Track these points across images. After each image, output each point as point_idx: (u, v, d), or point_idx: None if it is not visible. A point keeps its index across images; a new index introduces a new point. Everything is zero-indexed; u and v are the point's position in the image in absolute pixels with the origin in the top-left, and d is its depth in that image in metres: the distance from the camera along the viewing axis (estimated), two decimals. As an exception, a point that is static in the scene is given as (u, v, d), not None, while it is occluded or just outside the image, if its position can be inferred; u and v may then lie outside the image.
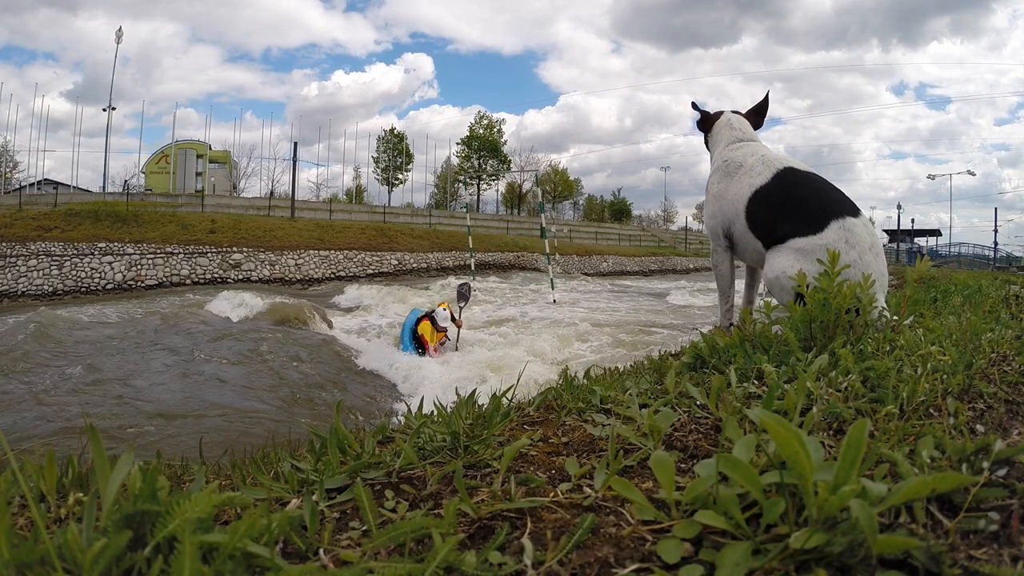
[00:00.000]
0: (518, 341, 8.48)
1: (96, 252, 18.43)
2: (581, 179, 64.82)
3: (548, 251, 14.45)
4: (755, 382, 1.15)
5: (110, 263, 18.26)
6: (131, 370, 6.66)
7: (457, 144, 52.70)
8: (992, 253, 38.81)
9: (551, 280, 13.88)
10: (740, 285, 2.56)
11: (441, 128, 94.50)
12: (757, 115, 2.58)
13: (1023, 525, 0.55)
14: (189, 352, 7.55)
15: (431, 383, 6.43)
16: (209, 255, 20.15)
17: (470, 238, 16.57)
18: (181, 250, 19.83)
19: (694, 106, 2.66)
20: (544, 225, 15.09)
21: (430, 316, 8.06)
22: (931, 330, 1.52)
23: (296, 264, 21.79)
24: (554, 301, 12.90)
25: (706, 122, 2.63)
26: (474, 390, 1.21)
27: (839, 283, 1.47)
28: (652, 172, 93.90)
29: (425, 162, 65.51)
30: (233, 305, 11.71)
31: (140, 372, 6.58)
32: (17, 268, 16.86)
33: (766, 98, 2.65)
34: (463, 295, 9.15)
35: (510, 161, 53.35)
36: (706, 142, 2.65)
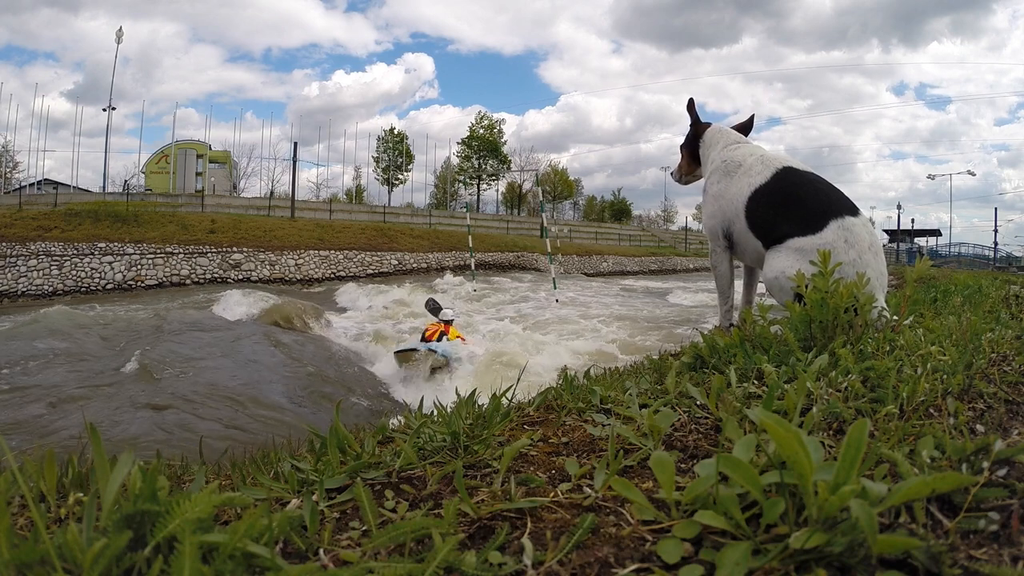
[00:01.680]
0: (523, 341, 8.49)
1: (96, 252, 18.42)
2: (581, 179, 64.96)
3: (550, 250, 14.43)
4: (755, 382, 1.15)
5: (110, 263, 18.26)
6: (128, 370, 6.66)
7: (457, 144, 52.77)
8: (992, 253, 38.81)
9: (554, 280, 13.88)
10: (739, 285, 2.56)
11: (441, 128, 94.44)
12: (742, 132, 2.62)
13: (1023, 525, 0.55)
14: (188, 353, 7.55)
15: (430, 383, 6.43)
16: (209, 255, 20.15)
17: (470, 237, 16.53)
18: (181, 250, 19.83)
19: (691, 105, 2.67)
20: (545, 224, 15.08)
21: (447, 323, 8.22)
22: (931, 330, 1.52)
23: (296, 264, 21.78)
24: (557, 301, 12.89)
25: (697, 128, 2.65)
26: (474, 390, 1.21)
27: (835, 282, 1.48)
28: (652, 172, 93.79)
29: (425, 162, 65.54)
30: (233, 306, 11.71)
31: (137, 373, 6.58)
32: (17, 268, 16.86)
33: (751, 119, 2.70)
34: (434, 309, 8.90)
35: (510, 161, 53.36)
36: (692, 147, 2.66)
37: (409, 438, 0.92)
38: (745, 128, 2.64)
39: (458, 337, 7.87)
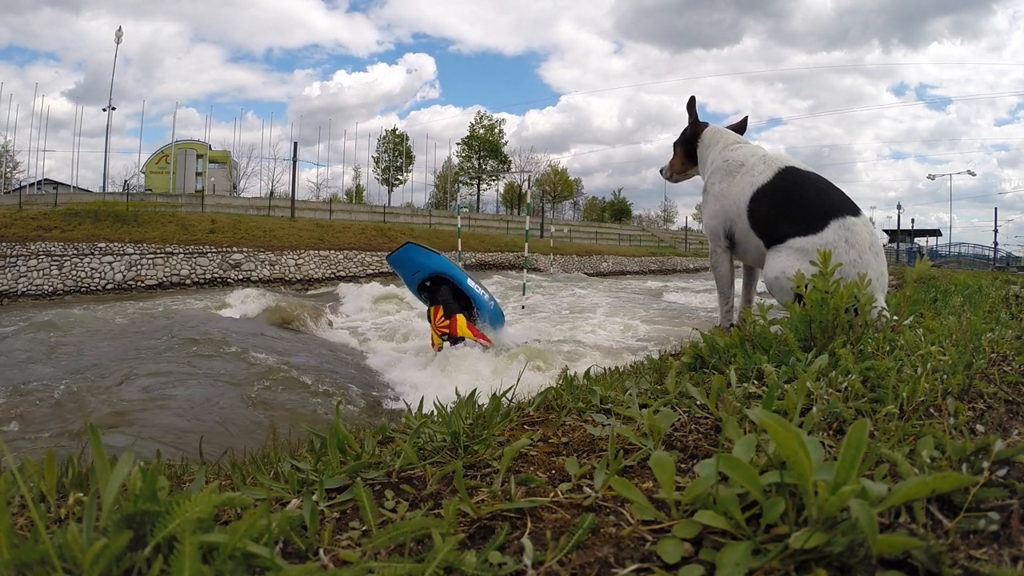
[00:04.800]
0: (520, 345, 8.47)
1: (96, 252, 18.42)
2: (581, 179, 64.97)
3: (527, 253, 14.35)
4: (755, 382, 1.15)
5: (110, 263, 18.25)
6: (127, 370, 6.66)
7: (457, 144, 52.78)
8: (992, 253, 38.84)
9: (524, 285, 13.86)
10: (739, 285, 2.56)
11: (442, 128, 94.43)
12: (736, 133, 2.63)
13: (1023, 525, 0.55)
14: (188, 352, 7.55)
15: (431, 383, 6.42)
16: (209, 255, 20.14)
17: (459, 240, 16.41)
18: (181, 250, 19.83)
19: (691, 103, 2.67)
20: (528, 227, 14.91)
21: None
22: (931, 330, 1.52)
23: (296, 264, 21.78)
24: (523, 307, 12.88)
25: (695, 127, 2.65)
26: (474, 390, 1.21)
27: (835, 282, 1.48)
28: (652, 172, 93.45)
29: (425, 162, 65.49)
30: (233, 306, 11.72)
31: (137, 372, 6.58)
32: (17, 268, 16.85)
33: (744, 120, 2.71)
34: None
35: (510, 161, 53.35)
36: (689, 146, 2.66)
37: (409, 438, 0.92)
38: (739, 129, 2.65)
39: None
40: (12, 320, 9.91)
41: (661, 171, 2.90)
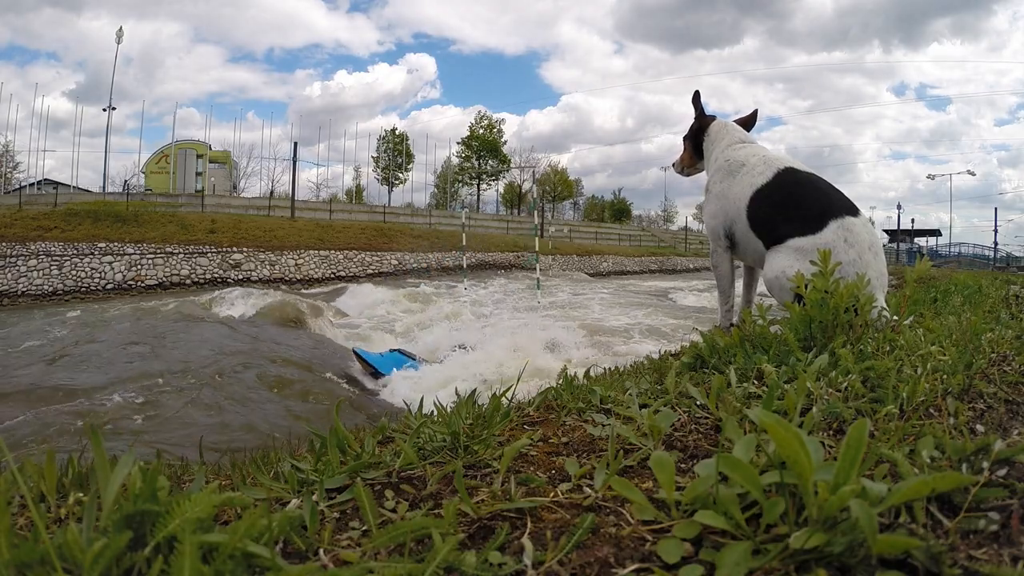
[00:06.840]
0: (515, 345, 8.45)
1: (96, 252, 18.43)
2: (582, 179, 65.01)
3: (538, 249, 14.35)
4: (755, 382, 1.15)
5: (110, 263, 18.25)
6: (129, 371, 6.66)
7: (457, 144, 52.76)
8: (992, 253, 38.84)
9: (538, 280, 13.87)
10: (739, 285, 2.56)
11: (443, 128, 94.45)
12: (745, 127, 2.61)
13: (1023, 525, 0.55)
14: (188, 352, 7.55)
15: (431, 383, 6.43)
16: (209, 255, 20.14)
17: (464, 235, 16.40)
18: (181, 250, 19.83)
19: (696, 97, 2.65)
20: (536, 223, 14.91)
21: None
22: (931, 330, 1.52)
23: (296, 264, 21.79)
24: (539, 303, 12.88)
25: (701, 122, 2.63)
26: (474, 390, 1.21)
27: (834, 282, 1.48)
28: (653, 172, 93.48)
29: (425, 162, 65.25)
30: (233, 305, 11.73)
31: (138, 373, 6.58)
32: (17, 268, 16.85)
33: (754, 114, 2.69)
34: None
35: (510, 161, 53.31)
36: (696, 140, 2.65)
37: (409, 438, 0.92)
38: (748, 123, 2.63)
39: None
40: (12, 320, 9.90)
41: (673, 165, 2.89)
